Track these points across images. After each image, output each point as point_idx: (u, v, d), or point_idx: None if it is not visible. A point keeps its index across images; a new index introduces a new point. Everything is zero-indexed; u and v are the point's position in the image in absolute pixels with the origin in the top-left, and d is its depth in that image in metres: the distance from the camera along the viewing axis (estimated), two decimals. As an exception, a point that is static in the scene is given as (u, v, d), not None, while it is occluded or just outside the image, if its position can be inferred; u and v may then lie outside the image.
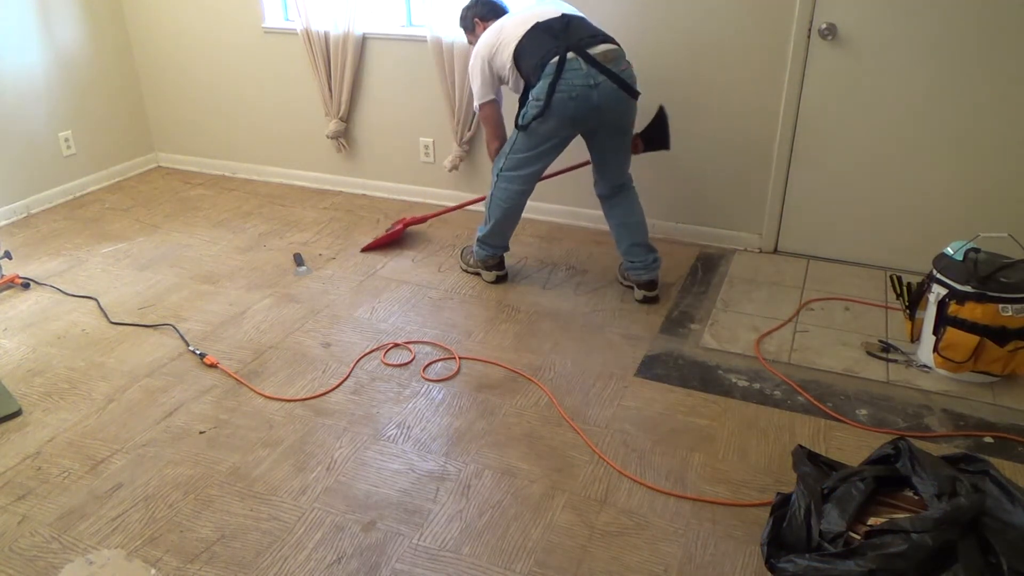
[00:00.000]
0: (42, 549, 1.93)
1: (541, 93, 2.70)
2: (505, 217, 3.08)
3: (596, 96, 2.68)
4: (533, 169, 2.95)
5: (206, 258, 3.50)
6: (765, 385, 2.55)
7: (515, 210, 3.07)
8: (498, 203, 3.05)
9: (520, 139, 2.89)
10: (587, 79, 2.66)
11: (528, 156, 2.90)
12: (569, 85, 2.66)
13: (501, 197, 3.04)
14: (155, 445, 2.29)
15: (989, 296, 2.38)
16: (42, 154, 4.05)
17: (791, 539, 1.68)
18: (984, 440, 2.28)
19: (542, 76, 2.69)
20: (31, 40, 3.90)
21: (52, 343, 2.83)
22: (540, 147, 2.87)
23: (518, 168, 2.95)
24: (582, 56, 2.66)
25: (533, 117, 2.76)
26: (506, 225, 3.12)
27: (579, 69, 2.66)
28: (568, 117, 2.73)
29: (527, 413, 2.42)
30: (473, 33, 3.09)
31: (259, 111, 4.31)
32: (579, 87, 2.66)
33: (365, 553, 1.91)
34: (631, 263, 3.06)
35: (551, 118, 2.73)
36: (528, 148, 2.88)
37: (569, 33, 2.73)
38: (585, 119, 2.76)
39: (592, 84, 2.66)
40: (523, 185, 3.01)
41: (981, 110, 2.97)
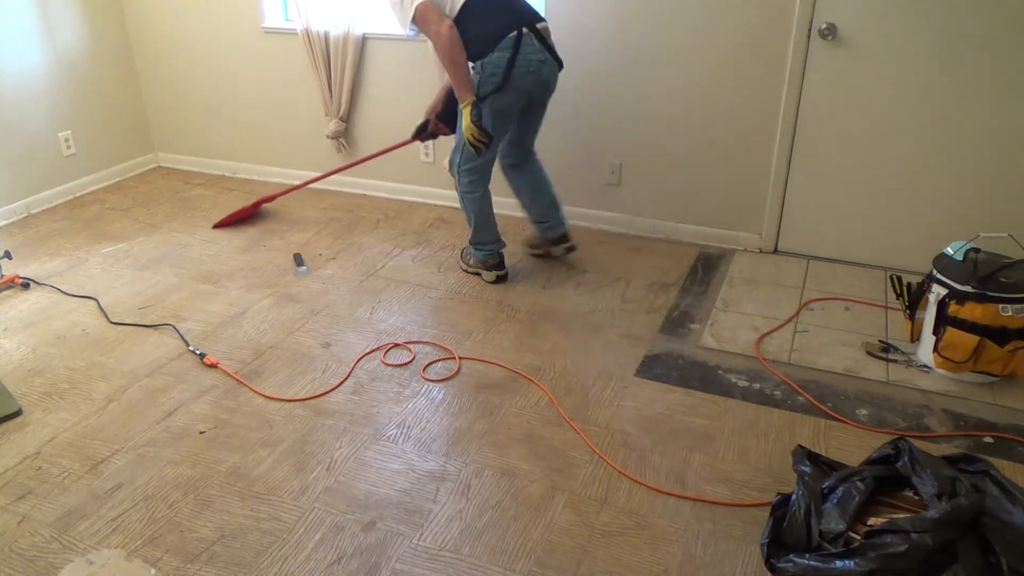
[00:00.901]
0: (42, 549, 1.93)
1: (498, 67, 2.75)
2: (481, 210, 3.11)
3: (545, 71, 2.84)
4: (488, 155, 2.97)
5: (206, 258, 3.50)
6: (765, 385, 2.55)
7: (485, 201, 3.12)
8: (469, 198, 3.09)
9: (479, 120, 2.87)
10: (539, 54, 2.79)
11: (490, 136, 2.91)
12: (526, 60, 2.76)
13: (468, 192, 3.08)
14: (155, 445, 2.29)
15: (989, 296, 2.38)
16: (42, 154, 4.05)
17: (791, 539, 1.68)
18: (984, 440, 2.28)
19: (496, 48, 2.74)
20: (31, 40, 3.90)
21: (52, 343, 2.83)
22: (496, 126, 2.89)
23: (474, 157, 2.97)
24: (533, 32, 2.77)
25: (491, 90, 2.79)
26: (486, 217, 3.14)
27: (532, 44, 2.77)
28: (525, 91, 2.83)
29: (527, 413, 2.42)
30: None
31: (259, 111, 4.31)
32: (534, 62, 2.78)
33: (365, 553, 1.91)
34: (546, 224, 3.26)
35: (510, 91, 2.79)
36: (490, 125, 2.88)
37: (517, 7, 2.82)
38: (535, 92, 2.89)
39: (542, 59, 2.80)
40: (482, 173, 3.05)
41: (981, 110, 2.97)
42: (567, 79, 3.55)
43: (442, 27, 2.73)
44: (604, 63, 3.46)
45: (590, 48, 3.46)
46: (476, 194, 3.08)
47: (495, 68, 2.75)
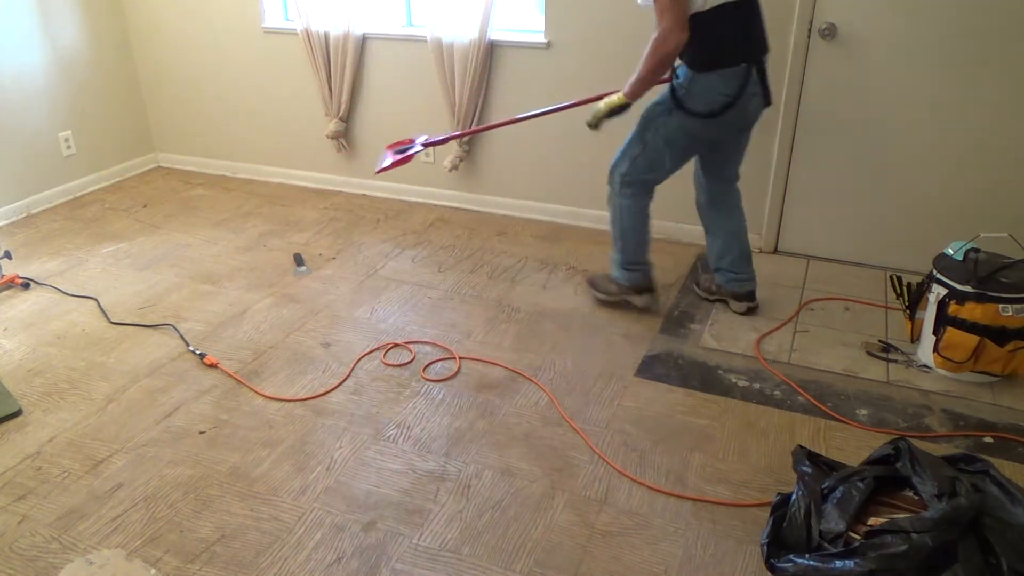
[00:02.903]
0: (42, 549, 1.93)
1: (716, 94, 2.47)
2: (642, 227, 2.83)
3: (753, 105, 2.55)
4: (667, 171, 2.70)
5: (206, 258, 3.50)
6: (765, 385, 2.55)
7: (645, 217, 2.83)
8: (628, 216, 2.79)
9: (664, 137, 2.61)
10: (754, 88, 2.51)
11: (663, 157, 2.65)
12: (746, 95, 2.49)
13: (627, 208, 2.78)
14: (155, 445, 2.29)
15: (989, 296, 2.38)
16: (42, 154, 4.05)
17: (791, 539, 1.68)
18: (984, 440, 2.28)
19: (719, 74, 2.45)
20: (31, 40, 3.90)
21: (52, 343, 2.83)
22: (689, 147, 2.65)
23: (649, 171, 2.69)
24: (757, 65, 2.50)
25: (701, 114, 2.51)
26: (643, 235, 2.85)
27: (753, 78, 2.49)
28: (726, 123, 2.55)
29: (527, 413, 2.42)
30: None
31: (259, 111, 4.31)
32: (749, 96, 2.51)
33: (365, 553, 1.91)
34: (733, 275, 2.91)
35: (714, 124, 2.53)
36: (667, 145, 2.62)
37: (755, 32, 2.50)
38: (740, 125, 2.62)
39: (754, 93, 2.52)
40: (651, 186, 2.76)
41: (982, 110, 2.97)
42: (567, 79, 3.56)
43: (674, 32, 2.37)
44: (605, 62, 3.46)
45: (590, 46, 3.46)
46: (635, 207, 2.78)
47: (709, 93, 2.47)
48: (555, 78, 3.58)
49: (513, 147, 3.81)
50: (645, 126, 2.65)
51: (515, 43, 3.58)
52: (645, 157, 2.67)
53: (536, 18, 3.57)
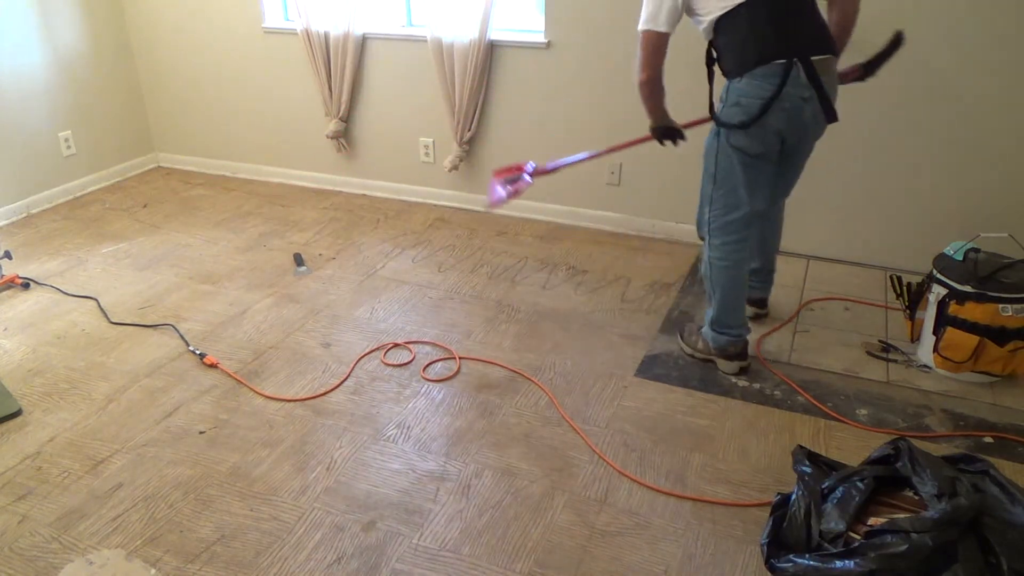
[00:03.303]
0: (42, 549, 1.93)
1: (750, 98, 2.25)
2: (733, 285, 2.53)
3: (807, 112, 2.27)
4: (748, 209, 2.43)
5: (206, 258, 3.50)
6: (765, 385, 2.55)
7: (741, 272, 2.53)
8: (720, 267, 2.50)
9: (722, 159, 2.39)
10: (802, 91, 2.23)
11: (736, 186, 2.40)
12: (789, 96, 2.23)
13: (721, 257, 2.49)
14: (155, 445, 2.29)
15: (989, 296, 2.38)
16: (42, 154, 4.05)
17: (791, 539, 1.68)
18: (984, 440, 2.28)
19: (751, 75, 2.24)
20: (31, 40, 3.90)
21: (52, 343, 2.83)
22: (748, 167, 2.37)
23: (731, 207, 2.43)
24: (804, 63, 2.22)
25: (734, 124, 2.30)
26: (738, 293, 2.55)
27: (798, 77, 2.22)
28: (775, 130, 2.29)
29: (527, 413, 2.42)
30: None
31: (259, 111, 4.31)
32: (794, 98, 2.24)
33: (365, 553, 1.91)
34: (751, 283, 2.78)
35: (758, 130, 2.29)
36: (731, 169, 2.39)
37: (797, 28, 2.24)
38: (791, 134, 2.34)
39: (806, 97, 2.25)
40: (741, 232, 2.46)
41: (982, 110, 2.97)
42: (568, 79, 3.56)
43: (640, 73, 2.38)
44: (605, 62, 3.46)
45: (590, 46, 3.46)
46: (729, 262, 2.48)
47: (744, 97, 2.26)
48: (555, 78, 3.58)
49: (513, 147, 3.81)
50: (706, 160, 2.46)
51: (515, 43, 3.58)
52: (719, 194, 2.44)
53: (536, 18, 3.57)
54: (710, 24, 2.29)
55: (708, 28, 2.31)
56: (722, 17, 2.25)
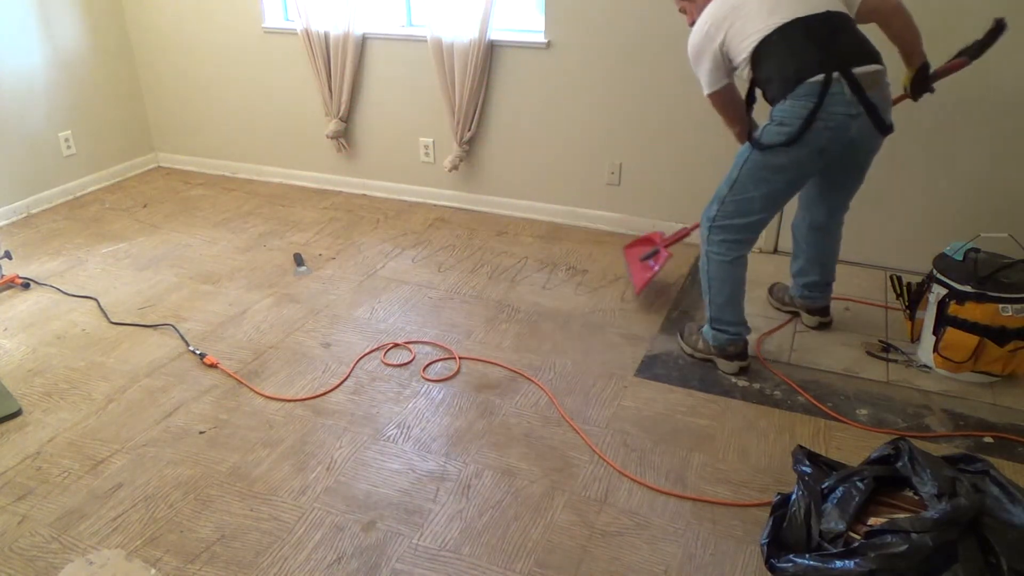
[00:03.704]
0: (42, 549, 1.93)
1: (792, 117, 2.21)
2: (731, 281, 2.51)
3: (854, 128, 2.23)
4: (758, 218, 2.41)
5: (206, 258, 3.50)
6: (765, 385, 2.55)
7: (739, 269, 2.51)
8: (717, 262, 2.49)
9: (747, 171, 2.35)
10: (848, 107, 2.18)
11: (751, 198, 2.37)
12: (828, 113, 2.18)
13: (720, 253, 2.48)
14: (155, 445, 2.29)
15: (989, 296, 2.38)
16: (42, 154, 4.05)
17: (791, 539, 1.68)
18: (984, 440, 2.28)
19: (792, 95, 2.20)
20: (31, 40, 3.90)
21: (52, 343, 2.83)
22: (770, 184, 2.33)
23: (741, 213, 2.40)
24: (847, 79, 2.17)
25: (777, 144, 2.25)
26: (734, 289, 2.53)
27: (842, 94, 2.17)
28: (819, 149, 2.24)
29: (527, 413, 2.42)
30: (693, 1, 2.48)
31: (259, 111, 4.31)
32: (839, 115, 2.19)
33: (365, 553, 1.91)
34: (807, 292, 2.81)
35: (800, 149, 2.23)
36: (755, 185, 2.35)
37: (836, 44, 2.21)
38: (835, 152, 2.29)
39: (853, 114, 2.20)
40: (745, 234, 2.45)
41: (981, 109, 2.97)
42: (568, 79, 3.56)
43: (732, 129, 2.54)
44: (604, 62, 3.46)
45: (591, 47, 3.46)
46: (727, 258, 2.47)
47: (787, 118, 2.21)
48: (555, 78, 3.58)
49: (513, 147, 3.81)
50: (734, 164, 2.42)
51: (515, 43, 3.58)
52: (733, 199, 2.40)
53: (536, 18, 3.57)
54: (745, 62, 2.28)
55: (744, 66, 2.31)
56: (757, 49, 2.24)
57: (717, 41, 2.30)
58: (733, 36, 2.28)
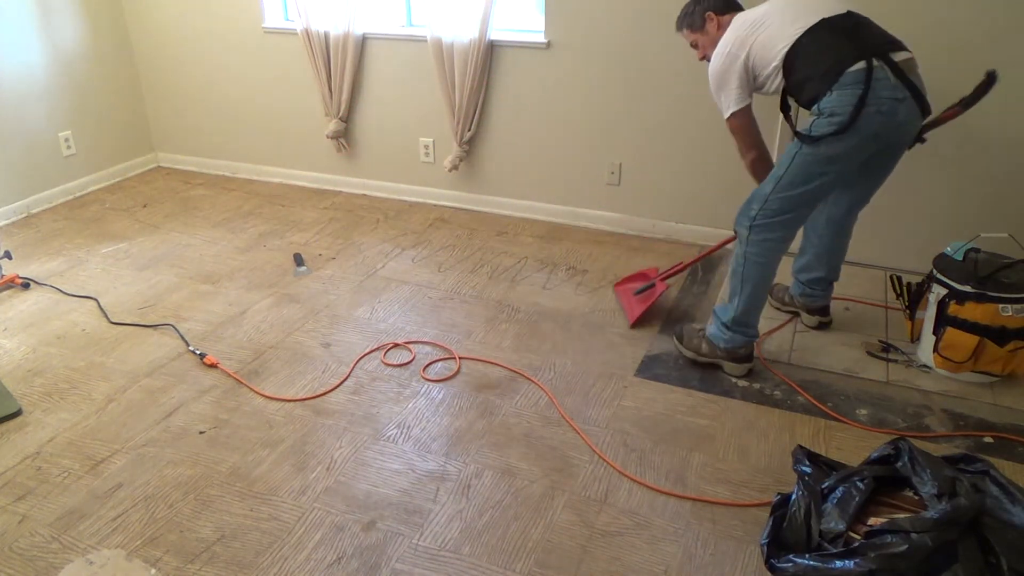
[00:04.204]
0: (42, 549, 1.93)
1: (842, 106, 2.19)
2: (763, 282, 2.48)
3: (903, 112, 2.23)
4: (801, 213, 2.41)
5: (206, 258, 3.50)
6: (765, 385, 2.55)
7: (773, 270, 2.49)
8: (754, 263, 2.44)
9: (796, 167, 2.31)
10: (895, 91, 2.20)
11: (802, 193, 2.33)
12: (877, 98, 2.18)
13: (758, 254, 2.42)
14: (155, 445, 2.29)
15: (989, 296, 2.38)
16: (42, 154, 4.05)
17: (791, 539, 1.68)
18: (984, 440, 2.28)
19: (837, 86, 2.20)
20: (31, 40, 3.90)
21: (52, 343, 2.83)
22: (820, 178, 2.31)
23: (784, 211, 2.36)
24: (888, 64, 2.20)
25: (829, 133, 2.23)
26: (762, 294, 2.50)
27: (887, 79, 2.18)
28: (872, 134, 2.23)
29: (527, 413, 2.42)
30: (703, 32, 2.54)
31: (259, 111, 4.31)
32: (887, 100, 2.19)
33: (365, 553, 1.91)
34: (809, 290, 2.80)
35: (853, 136, 2.21)
36: (804, 180, 2.31)
37: (865, 36, 2.25)
38: (886, 137, 2.29)
39: (900, 98, 2.21)
40: (785, 232, 2.42)
41: (982, 110, 2.96)
42: (568, 79, 3.56)
43: (746, 156, 2.52)
44: (605, 62, 3.46)
45: (591, 47, 3.46)
46: (763, 260, 2.43)
47: (837, 107, 2.20)
48: (555, 78, 3.58)
49: (513, 147, 3.81)
50: (779, 162, 2.39)
51: (515, 43, 3.59)
52: (778, 196, 2.36)
53: (536, 18, 3.57)
54: (776, 70, 2.30)
55: (775, 76, 2.32)
56: (788, 55, 2.26)
57: (741, 58, 2.34)
58: (759, 49, 2.31)
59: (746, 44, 2.33)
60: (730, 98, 2.41)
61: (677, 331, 2.75)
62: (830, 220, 2.67)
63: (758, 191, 2.42)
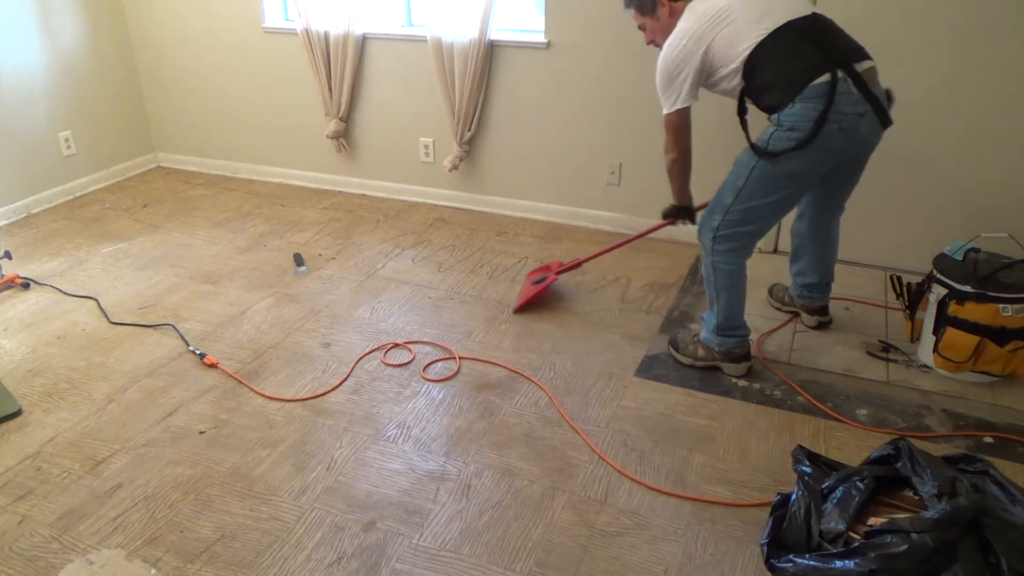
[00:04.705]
0: (42, 549, 1.93)
1: (803, 121, 2.14)
2: (738, 286, 2.48)
3: (863, 127, 2.20)
4: (766, 223, 2.41)
5: (206, 258, 3.50)
6: (765, 385, 2.55)
7: (744, 272, 2.49)
8: (724, 272, 2.45)
9: (756, 180, 2.28)
10: (857, 106, 2.15)
11: (761, 205, 2.32)
12: (840, 113, 2.13)
13: (725, 262, 2.43)
14: (155, 445, 2.29)
15: (989, 296, 2.38)
16: (42, 154, 4.05)
17: (791, 539, 1.68)
18: (984, 440, 2.28)
19: (801, 98, 2.14)
20: (31, 40, 3.90)
21: (52, 343, 2.83)
22: (781, 191, 2.29)
23: (747, 222, 2.36)
24: (852, 76, 2.14)
25: (788, 149, 2.18)
26: (739, 298, 2.51)
27: (850, 93, 2.14)
28: (833, 152, 2.21)
29: (527, 413, 2.42)
30: (653, 16, 2.40)
31: (259, 111, 4.31)
32: (849, 115, 2.15)
33: (365, 553, 1.91)
34: (807, 292, 2.81)
35: (813, 152, 2.18)
36: (764, 193, 2.29)
37: (832, 43, 2.19)
38: (847, 152, 2.27)
39: (861, 112, 2.17)
40: (749, 240, 2.43)
41: (982, 109, 2.97)
42: (567, 79, 3.56)
43: (668, 153, 2.47)
44: (605, 62, 3.46)
45: (591, 47, 3.46)
46: (732, 267, 2.44)
47: (797, 122, 2.15)
48: (555, 78, 3.58)
49: (513, 147, 3.81)
50: (737, 173, 2.35)
51: (515, 43, 3.58)
52: (740, 208, 2.34)
53: (536, 18, 3.57)
54: (735, 73, 2.23)
55: (733, 77, 2.25)
56: (749, 58, 2.19)
57: (698, 54, 2.24)
58: (720, 46, 2.22)
59: (704, 40, 2.22)
60: (678, 94, 2.32)
61: (672, 339, 2.73)
62: (812, 229, 2.68)
63: (719, 201, 2.41)
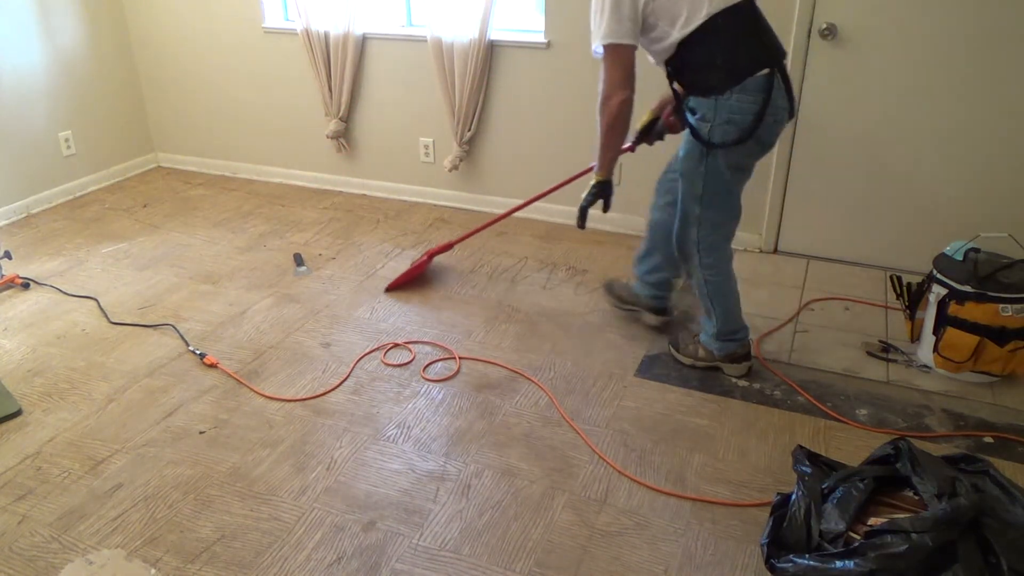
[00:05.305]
0: (42, 549, 1.93)
1: (742, 113, 2.16)
2: (730, 291, 2.50)
3: (785, 120, 2.27)
4: (732, 212, 2.41)
5: (206, 258, 3.50)
6: (765, 385, 2.55)
7: (732, 274, 2.50)
8: (715, 282, 2.46)
9: (710, 178, 2.30)
10: (785, 101, 2.22)
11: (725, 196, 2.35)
12: (775, 107, 2.18)
13: (714, 272, 2.45)
14: (155, 445, 2.29)
15: (989, 296, 2.38)
16: (42, 154, 4.05)
17: (791, 539, 1.68)
18: (984, 440, 2.28)
19: (739, 89, 2.15)
20: (31, 40, 3.90)
21: (52, 343, 2.83)
22: (732, 174, 2.31)
23: (721, 220, 2.39)
24: (781, 73, 2.20)
25: (730, 140, 2.21)
26: (735, 302, 2.52)
27: (781, 88, 2.20)
28: (768, 144, 2.28)
29: (527, 413, 2.42)
30: None
31: (259, 111, 4.31)
32: (781, 109, 2.22)
33: (365, 553, 1.91)
34: (654, 294, 2.81)
35: (753, 144, 2.23)
36: (719, 184, 2.32)
37: (766, 37, 2.21)
38: (771, 144, 2.31)
39: (786, 107, 2.24)
40: (728, 239, 2.44)
41: (982, 110, 2.97)
42: (567, 79, 3.56)
43: (617, 90, 2.22)
44: (604, 63, 3.46)
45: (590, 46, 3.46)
46: (721, 277, 2.45)
47: (737, 114, 2.17)
48: (555, 78, 3.58)
49: (513, 147, 3.81)
50: (690, 182, 2.34)
51: (515, 43, 3.58)
52: (709, 214, 2.35)
53: (536, 18, 3.57)
54: (672, 46, 2.19)
55: (665, 40, 2.19)
56: (698, 29, 2.13)
57: None
58: (663, 6, 2.14)
59: None
60: (621, 28, 2.15)
61: (672, 340, 2.73)
62: None
63: (686, 215, 2.40)
